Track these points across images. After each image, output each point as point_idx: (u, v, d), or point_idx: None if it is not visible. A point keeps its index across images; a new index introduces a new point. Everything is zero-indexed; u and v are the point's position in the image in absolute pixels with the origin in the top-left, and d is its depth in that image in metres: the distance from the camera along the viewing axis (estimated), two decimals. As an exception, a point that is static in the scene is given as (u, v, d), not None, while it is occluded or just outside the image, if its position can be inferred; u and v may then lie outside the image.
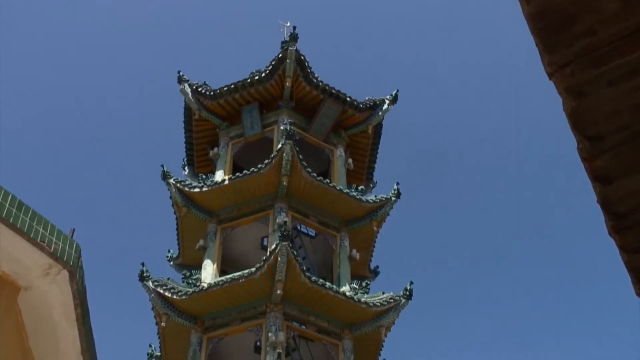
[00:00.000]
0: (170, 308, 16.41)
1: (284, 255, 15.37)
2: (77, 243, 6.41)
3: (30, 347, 6.79)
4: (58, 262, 6.09)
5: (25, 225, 5.86)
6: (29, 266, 6.07)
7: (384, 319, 17.00)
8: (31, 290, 6.27)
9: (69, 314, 6.56)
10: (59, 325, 6.63)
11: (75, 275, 6.28)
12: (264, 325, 15.83)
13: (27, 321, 6.56)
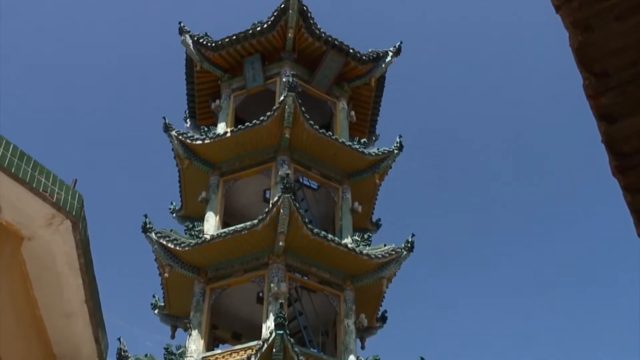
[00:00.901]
0: (173, 259, 16.55)
1: (286, 208, 15.43)
2: (80, 193, 6.42)
3: (35, 295, 6.86)
4: (61, 212, 6.10)
5: (28, 175, 5.86)
6: (31, 216, 6.09)
7: (385, 271, 17.15)
8: (34, 240, 6.30)
9: (72, 263, 6.60)
10: (62, 275, 6.68)
11: (78, 225, 6.30)
12: (266, 276, 15.98)
13: (31, 271, 6.61)
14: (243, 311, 18.16)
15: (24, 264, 6.46)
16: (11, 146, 5.84)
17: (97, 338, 7.72)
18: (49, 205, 6.01)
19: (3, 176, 5.70)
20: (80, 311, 7.17)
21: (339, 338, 16.64)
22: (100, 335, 7.83)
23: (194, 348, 15.72)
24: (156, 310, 18.62)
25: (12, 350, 6.31)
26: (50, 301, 6.99)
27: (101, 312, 7.69)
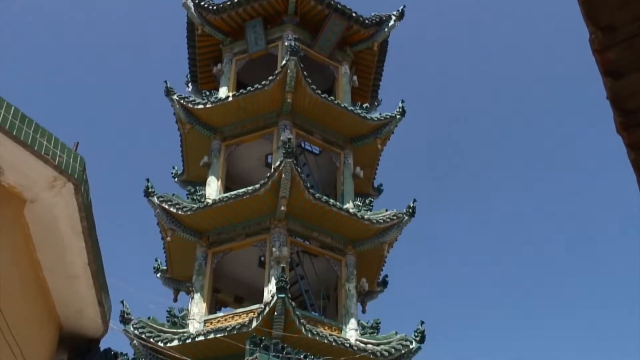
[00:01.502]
0: (175, 223, 16.62)
1: (288, 172, 15.44)
2: (82, 156, 6.42)
3: (38, 257, 6.89)
4: (63, 175, 6.10)
5: (29, 137, 5.84)
6: (33, 179, 6.09)
7: (387, 236, 17.22)
8: (37, 202, 6.31)
9: (75, 226, 6.62)
10: (65, 237, 6.71)
11: (80, 188, 6.31)
12: (268, 241, 16.06)
13: (34, 233, 6.64)
14: (245, 275, 18.29)
15: (27, 226, 6.48)
16: (12, 108, 5.82)
17: (100, 300, 7.78)
18: (50, 168, 6.01)
19: (4, 139, 5.69)
20: (83, 273, 7.21)
21: (340, 302, 16.77)
22: (104, 298, 7.89)
23: (196, 311, 15.87)
24: (159, 274, 18.77)
25: (16, 311, 6.37)
26: (54, 263, 7.03)
27: (104, 274, 7.74)
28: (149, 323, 15.24)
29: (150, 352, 14.82)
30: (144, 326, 15.10)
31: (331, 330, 15.59)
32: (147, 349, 15.06)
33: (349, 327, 15.95)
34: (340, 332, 15.77)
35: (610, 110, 1.45)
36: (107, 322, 8.35)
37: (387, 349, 15.46)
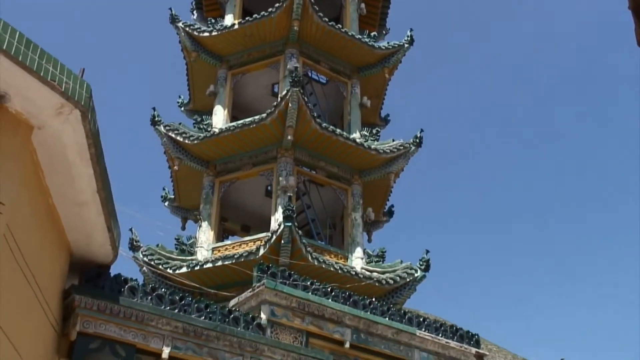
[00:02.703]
0: (182, 152, 16.64)
1: (295, 101, 15.33)
2: (88, 83, 6.36)
3: (48, 184, 6.93)
4: (70, 102, 6.06)
5: (35, 63, 5.78)
6: (40, 105, 6.06)
7: (393, 166, 17.22)
8: (44, 129, 6.30)
9: (83, 153, 6.62)
10: (74, 165, 6.72)
11: (87, 115, 6.28)
12: (274, 170, 16.09)
13: (42, 160, 6.65)
14: (252, 204, 18.40)
15: (35, 153, 6.49)
16: (17, 34, 5.73)
17: (109, 227, 7.87)
18: (57, 94, 5.96)
19: (10, 64, 5.63)
20: (92, 200, 7.26)
21: (346, 231, 16.93)
22: (113, 224, 7.98)
23: (204, 239, 16.06)
24: (166, 203, 18.91)
25: (27, 236, 6.45)
26: (63, 190, 7.07)
27: (113, 202, 7.80)
28: (158, 250, 15.45)
29: (159, 279, 15.08)
30: (153, 253, 15.32)
31: (337, 258, 15.79)
32: (156, 275, 15.33)
33: (355, 256, 16.14)
34: (346, 261, 15.97)
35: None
36: (116, 248, 8.47)
37: (392, 277, 15.68)
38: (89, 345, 8.25)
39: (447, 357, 12.00)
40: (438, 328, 12.09)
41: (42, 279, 7.09)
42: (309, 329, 10.56)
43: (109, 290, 8.60)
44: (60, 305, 8.22)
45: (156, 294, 9.10)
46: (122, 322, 8.54)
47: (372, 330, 11.25)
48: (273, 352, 9.76)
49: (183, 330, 9.04)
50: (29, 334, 6.88)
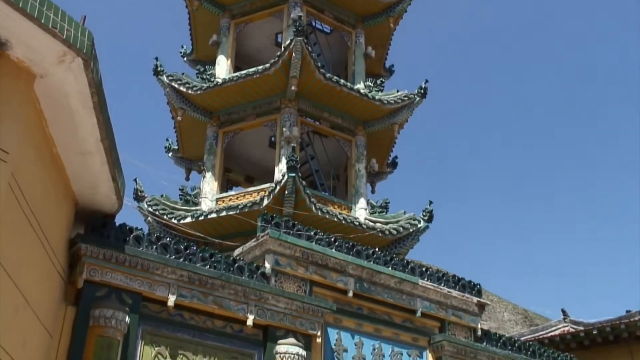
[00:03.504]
0: (185, 103, 16.57)
1: (299, 51, 15.18)
2: (90, 31, 6.29)
3: (51, 133, 6.92)
4: (71, 50, 6.00)
5: (36, 10, 5.70)
6: (42, 53, 6.00)
7: (398, 117, 17.15)
8: (47, 77, 6.25)
9: (85, 102, 6.59)
10: (77, 113, 6.70)
11: (90, 63, 6.22)
12: (278, 121, 16.04)
13: (45, 109, 6.63)
14: (255, 155, 18.41)
15: (37, 102, 6.47)
16: (17, -20, 5.65)
17: (114, 176, 7.88)
18: (59, 42, 5.90)
19: (11, 11, 5.56)
20: (96, 150, 7.26)
21: (349, 182, 16.96)
22: (117, 174, 7.99)
23: (208, 189, 16.11)
24: (170, 154, 18.92)
25: (32, 186, 6.47)
26: (66, 139, 7.07)
27: (117, 151, 7.80)
28: (162, 200, 15.53)
29: (164, 229, 15.20)
30: (158, 203, 15.40)
31: (341, 209, 15.86)
32: (161, 225, 15.43)
33: (358, 207, 16.21)
34: (350, 211, 16.04)
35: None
36: (121, 198, 8.51)
37: (395, 227, 15.77)
38: (95, 293, 8.35)
39: (449, 306, 12.14)
40: (440, 278, 12.20)
41: (48, 228, 7.14)
42: (313, 278, 10.66)
43: (114, 239, 8.66)
44: (67, 254, 8.30)
45: (161, 243, 9.17)
46: (127, 271, 8.63)
47: (375, 279, 11.36)
48: (277, 301, 9.88)
49: (188, 278, 9.14)
50: (36, 281, 6.97)
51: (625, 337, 16.24)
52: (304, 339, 10.04)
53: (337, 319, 10.88)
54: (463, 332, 12.29)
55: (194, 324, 9.26)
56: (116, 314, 8.16)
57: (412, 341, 11.69)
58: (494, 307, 35.54)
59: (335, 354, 10.62)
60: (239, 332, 9.64)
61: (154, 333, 8.88)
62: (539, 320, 34.99)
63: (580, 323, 19.80)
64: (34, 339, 7.06)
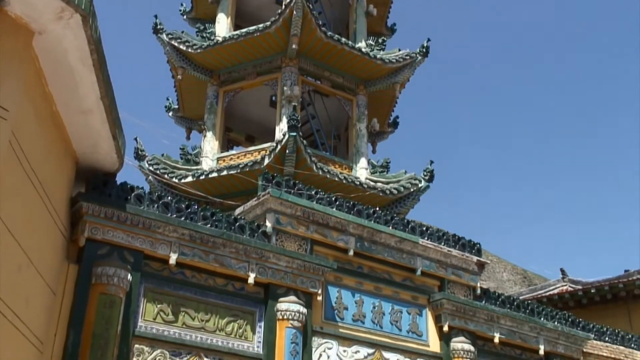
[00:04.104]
0: (185, 61, 16.45)
1: (300, 9, 15.01)
2: (88, -14, 6.20)
3: (51, 91, 6.88)
4: (70, 5, 5.92)
5: (32, -34, 5.63)
6: (40, 9, 5.93)
7: (399, 76, 17.04)
8: (45, 34, 6.18)
9: (85, 59, 6.53)
10: (76, 71, 6.64)
11: (88, 20, 6.15)
12: (279, 80, 15.95)
13: (44, 66, 6.57)
14: (256, 114, 18.35)
15: (37, 59, 6.41)
16: None
17: (114, 135, 7.86)
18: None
19: (7, -33, 5.49)
20: (96, 108, 7.23)
21: (350, 142, 16.93)
22: (118, 133, 7.97)
23: (209, 149, 16.09)
24: (170, 113, 18.85)
25: (32, 144, 6.46)
26: (66, 97, 7.02)
27: (117, 109, 7.76)
28: (163, 160, 15.52)
29: (165, 188, 15.22)
30: (158, 163, 15.40)
31: (342, 168, 15.86)
32: (162, 184, 15.46)
33: (359, 166, 16.21)
34: (351, 171, 16.05)
35: None
36: (122, 157, 8.49)
37: (396, 187, 15.79)
38: (97, 251, 8.39)
39: (448, 265, 12.21)
40: (440, 237, 12.25)
41: (49, 186, 7.14)
42: (314, 237, 10.71)
43: (115, 197, 8.67)
44: (68, 212, 8.32)
45: (162, 201, 9.18)
46: (129, 229, 8.66)
47: (376, 238, 11.41)
48: (278, 259, 9.94)
49: (189, 237, 9.18)
50: (38, 239, 7.00)
51: (623, 296, 16.39)
52: (304, 297, 10.12)
53: (338, 278, 10.96)
54: (462, 291, 12.39)
55: (196, 282, 9.33)
56: (118, 271, 8.22)
57: (412, 299, 11.80)
58: (493, 267, 35.81)
59: (335, 311, 10.72)
60: (240, 290, 9.72)
61: (156, 291, 8.96)
62: (537, 280, 35.30)
63: (578, 282, 19.97)
64: (37, 296, 7.12)
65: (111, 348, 7.95)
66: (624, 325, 16.30)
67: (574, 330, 13.64)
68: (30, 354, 7.08)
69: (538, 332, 13.08)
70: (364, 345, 10.83)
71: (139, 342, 8.57)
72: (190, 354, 8.97)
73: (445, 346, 11.72)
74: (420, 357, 11.44)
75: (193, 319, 9.16)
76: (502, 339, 12.51)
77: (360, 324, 10.96)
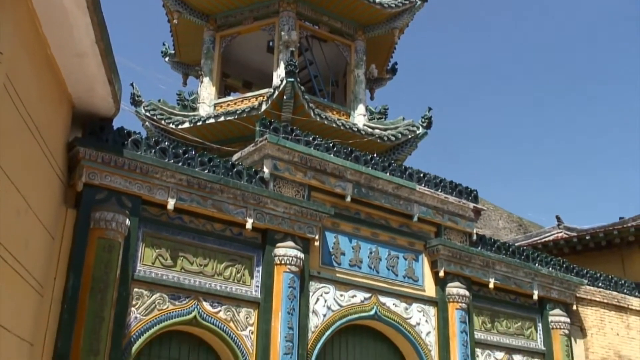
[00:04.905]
0: (180, 5, 16.19)
1: (297, -48, 14.72)
2: None
3: (45, 34, 6.78)
4: (62, -54, 5.81)
5: None
6: (32, -50, 5.81)
7: (398, 21, 16.82)
8: (38, -25, 6.07)
9: (79, 1, 6.41)
10: (70, 13, 6.52)
11: (82, -39, 6.04)
12: (276, 24, 15.74)
13: (38, 8, 6.44)
14: (253, 60, 18.16)
15: (29, 1, 6.29)
16: None
17: (110, 79, 7.78)
18: (49, -63, 5.69)
19: None
20: (91, 51, 7.13)
21: (348, 88, 16.82)
22: (114, 77, 7.89)
23: (206, 95, 15.98)
24: (167, 58, 18.65)
25: (27, 88, 6.39)
26: (61, 40, 6.92)
27: (112, 54, 7.65)
28: (160, 105, 15.42)
29: (162, 134, 15.16)
30: (155, 108, 15.31)
31: (339, 115, 15.79)
32: (159, 130, 15.39)
33: (357, 113, 16.14)
34: (348, 117, 15.99)
35: None
36: (118, 102, 8.43)
37: (394, 133, 15.75)
38: (95, 196, 8.41)
39: (445, 211, 12.28)
40: (437, 184, 12.29)
41: (45, 131, 7.11)
42: (311, 183, 10.73)
43: (112, 142, 8.65)
44: (65, 157, 8.30)
45: (160, 147, 9.16)
46: (127, 174, 8.66)
47: (373, 185, 11.43)
48: (276, 205, 9.97)
49: (187, 182, 9.19)
50: (36, 184, 7.00)
51: (618, 243, 16.54)
52: (302, 242, 10.20)
53: (335, 223, 11.02)
54: (459, 237, 12.49)
55: (194, 227, 9.39)
56: (116, 216, 8.26)
57: (409, 245, 11.90)
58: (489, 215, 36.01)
59: (332, 257, 10.83)
60: (238, 235, 9.79)
61: (154, 236, 9.01)
62: (533, 228, 35.55)
63: (574, 229, 20.13)
64: (36, 240, 7.16)
65: (111, 292, 8.05)
66: (617, 271, 16.50)
67: (568, 276, 13.81)
68: (31, 297, 7.16)
69: (532, 278, 13.25)
70: (360, 289, 10.97)
71: (138, 286, 8.67)
72: (189, 298, 9.09)
73: (441, 291, 11.88)
74: (416, 302, 11.61)
75: (191, 264, 9.24)
76: (497, 285, 12.68)
77: (357, 269, 11.08)
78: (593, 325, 14.65)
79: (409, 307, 11.49)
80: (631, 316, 15.49)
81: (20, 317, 6.82)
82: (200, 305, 9.13)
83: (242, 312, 9.53)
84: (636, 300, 15.72)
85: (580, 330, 14.33)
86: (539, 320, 13.42)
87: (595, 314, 14.80)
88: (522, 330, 13.13)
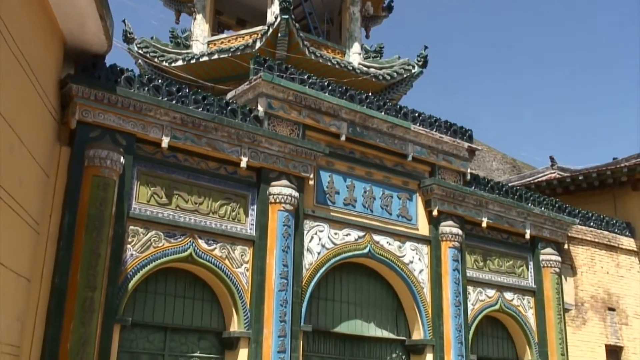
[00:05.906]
0: None
1: None
2: None
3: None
4: None
5: None
6: None
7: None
8: None
9: None
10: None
11: None
12: (271, -41, 15.39)
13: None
14: (247, -3, 17.83)
15: None
16: None
17: (102, 15, 7.65)
18: None
19: None
20: (82, -14, 7.00)
21: (344, 26, 16.58)
22: (105, 13, 7.76)
23: (199, 32, 15.75)
24: (159, -6, 18.28)
25: (18, 24, 6.28)
26: None
27: (103, -12, 7.51)
28: (153, 43, 15.21)
29: (155, 72, 15.00)
30: (148, 46, 15.10)
31: (334, 53, 15.62)
32: (152, 68, 15.22)
33: (352, 51, 15.96)
34: (344, 56, 15.82)
35: None
36: (110, 38, 8.31)
37: (389, 72, 15.62)
38: (89, 134, 8.38)
39: (439, 151, 12.29)
40: (432, 123, 12.26)
41: (37, 67, 7.02)
42: (306, 121, 10.69)
43: (105, 79, 8.56)
44: (58, 94, 8.23)
45: (153, 84, 9.08)
46: (120, 112, 8.61)
47: (368, 124, 11.40)
48: (270, 144, 9.96)
49: (181, 120, 9.14)
50: (29, 121, 6.95)
51: (610, 183, 16.61)
52: (296, 181, 10.23)
53: (330, 162, 11.04)
54: (453, 177, 12.53)
55: (189, 166, 9.39)
56: (111, 154, 8.25)
57: (403, 184, 11.95)
58: (482, 156, 36.09)
59: (327, 195, 10.87)
60: (232, 173, 9.80)
61: (149, 174, 9.02)
62: (527, 169, 35.65)
63: (567, 170, 20.20)
64: (31, 177, 7.16)
65: (106, 229, 8.10)
66: (609, 211, 16.63)
67: (560, 216, 13.94)
68: (27, 234, 7.20)
69: (525, 217, 13.37)
70: (354, 228, 11.06)
71: (134, 224, 8.72)
72: (185, 236, 9.16)
73: (434, 230, 11.99)
74: (409, 240, 11.73)
75: (186, 202, 9.28)
76: (490, 224, 12.80)
77: (351, 207, 11.15)
78: (583, 264, 14.86)
79: (403, 245, 11.61)
80: (621, 255, 15.71)
81: (17, 254, 6.88)
82: (195, 242, 9.21)
83: (237, 249, 9.62)
84: (626, 240, 15.92)
85: (571, 269, 14.55)
86: (530, 259, 13.61)
87: (586, 252, 15.00)
88: (514, 268, 13.32)
